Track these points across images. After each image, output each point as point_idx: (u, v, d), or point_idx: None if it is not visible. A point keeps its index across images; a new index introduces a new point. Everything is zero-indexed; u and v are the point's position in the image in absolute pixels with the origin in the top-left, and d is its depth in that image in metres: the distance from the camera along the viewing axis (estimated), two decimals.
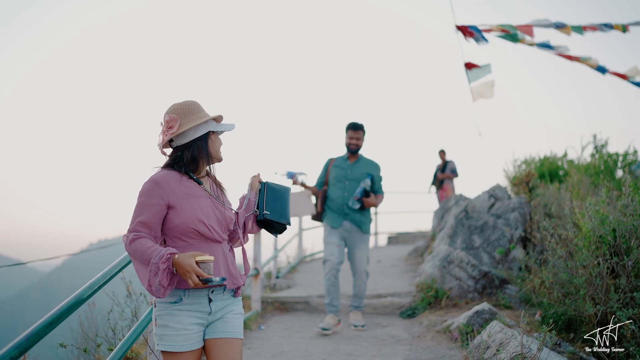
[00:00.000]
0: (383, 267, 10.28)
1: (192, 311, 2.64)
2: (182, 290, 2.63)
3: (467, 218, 8.60)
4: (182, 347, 2.60)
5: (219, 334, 2.70)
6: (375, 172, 6.42)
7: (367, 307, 7.35)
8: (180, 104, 2.77)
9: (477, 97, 10.24)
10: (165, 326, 2.61)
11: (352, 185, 6.32)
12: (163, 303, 2.64)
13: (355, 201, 6.19)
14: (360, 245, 6.36)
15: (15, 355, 2.11)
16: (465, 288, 6.79)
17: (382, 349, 5.55)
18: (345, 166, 6.45)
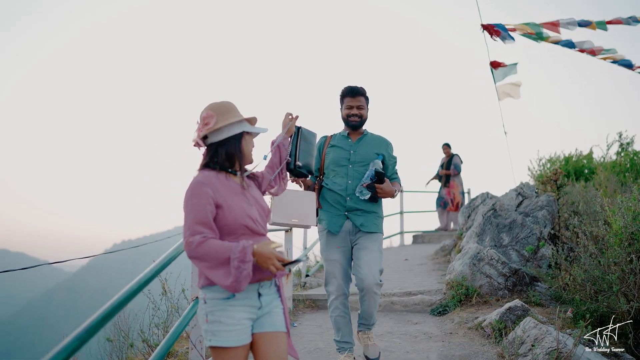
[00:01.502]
0: (411, 266, 10.33)
1: (243, 306, 2.72)
2: None
3: (495, 216, 8.63)
4: (235, 342, 2.66)
5: (267, 327, 2.78)
6: (386, 151, 4.80)
7: (398, 304, 7.42)
8: (218, 103, 2.85)
9: (503, 97, 10.27)
10: (218, 322, 2.67)
11: (358, 171, 4.67)
12: (215, 299, 2.69)
13: (365, 189, 4.53)
14: (369, 246, 4.60)
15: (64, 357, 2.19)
16: (495, 285, 6.83)
17: (415, 345, 5.62)
18: (347, 145, 4.77)
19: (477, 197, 11.14)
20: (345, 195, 4.64)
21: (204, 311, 2.72)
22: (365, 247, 4.58)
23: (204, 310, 2.72)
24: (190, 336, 4.42)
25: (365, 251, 4.55)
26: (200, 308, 2.76)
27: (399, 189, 4.72)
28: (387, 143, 4.86)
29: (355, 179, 4.63)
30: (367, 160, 4.67)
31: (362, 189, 4.54)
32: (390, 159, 4.81)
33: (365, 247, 4.58)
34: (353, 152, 4.73)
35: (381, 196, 4.55)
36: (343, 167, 4.70)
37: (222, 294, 2.69)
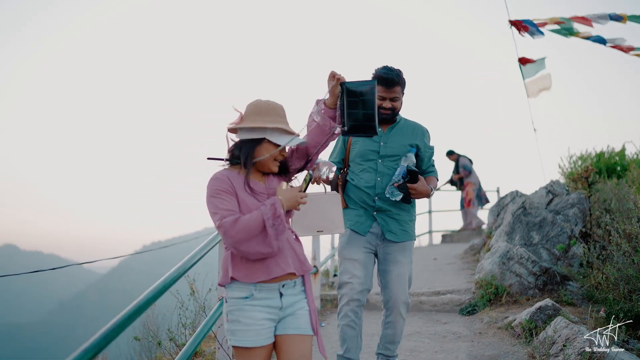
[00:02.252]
0: (440, 265, 10.25)
1: (263, 306, 2.67)
2: (253, 285, 2.67)
3: (525, 214, 8.50)
4: (253, 343, 2.63)
5: (290, 330, 2.71)
6: (422, 142, 4.08)
7: (426, 304, 7.36)
8: (259, 102, 2.78)
9: (532, 93, 10.14)
10: (237, 321, 2.65)
11: (389, 166, 3.95)
12: (234, 299, 2.68)
13: (396, 190, 3.84)
14: (399, 258, 3.94)
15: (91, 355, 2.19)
16: (525, 285, 6.73)
17: (444, 345, 5.56)
18: (378, 136, 3.80)
19: (507, 195, 11.02)
20: (374, 195, 3.94)
21: (225, 310, 2.72)
22: (394, 259, 3.93)
23: (225, 310, 2.72)
24: (217, 336, 4.42)
25: (394, 264, 3.92)
26: (223, 307, 2.75)
27: (435, 186, 4.11)
28: (423, 131, 4.12)
29: (385, 176, 3.92)
30: (399, 154, 3.96)
31: (392, 189, 3.85)
32: (426, 150, 4.10)
33: (394, 260, 3.93)
34: (383, 144, 3.98)
35: (415, 197, 3.87)
36: (371, 161, 3.98)
37: (241, 293, 2.67)
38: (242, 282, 2.67)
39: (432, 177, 4.14)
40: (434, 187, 4.03)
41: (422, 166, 4.11)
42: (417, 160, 4.02)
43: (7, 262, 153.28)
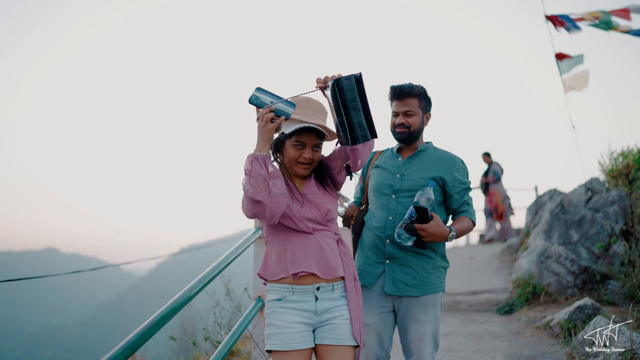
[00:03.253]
0: (477, 265, 10.15)
1: (296, 309, 2.60)
2: (286, 287, 2.62)
3: (563, 212, 8.36)
4: (286, 346, 2.54)
5: (327, 339, 2.62)
6: (449, 174, 3.24)
7: (463, 303, 7.29)
8: (308, 97, 2.68)
9: (570, 89, 9.97)
10: (271, 325, 2.60)
11: (404, 203, 3.22)
12: (270, 301, 2.64)
13: (404, 232, 3.03)
14: (419, 316, 3.14)
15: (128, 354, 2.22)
16: (564, 284, 6.62)
17: (480, 345, 5.50)
18: (393, 166, 3.36)
19: (544, 193, 10.86)
20: (384, 237, 3.22)
21: (265, 313, 2.68)
22: (413, 317, 3.14)
23: (265, 313, 2.68)
24: (252, 335, 4.44)
25: (414, 323, 3.14)
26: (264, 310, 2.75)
27: (465, 229, 3.19)
28: (453, 161, 3.28)
29: (398, 215, 3.20)
30: (417, 189, 3.19)
31: (401, 232, 3.04)
32: (456, 185, 3.24)
33: (413, 318, 3.14)
34: (399, 177, 3.29)
35: (428, 241, 3.00)
36: (385, 196, 3.29)
37: (275, 295, 2.63)
38: (277, 284, 2.64)
39: (464, 218, 3.23)
40: (460, 230, 3.14)
41: (453, 205, 3.26)
42: (445, 198, 3.26)
43: (48, 265, 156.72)
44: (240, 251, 3.91)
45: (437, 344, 3.16)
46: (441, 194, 3.23)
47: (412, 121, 3.24)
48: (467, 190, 3.29)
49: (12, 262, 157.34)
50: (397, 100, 3.27)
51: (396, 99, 3.27)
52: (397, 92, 3.25)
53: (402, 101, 3.25)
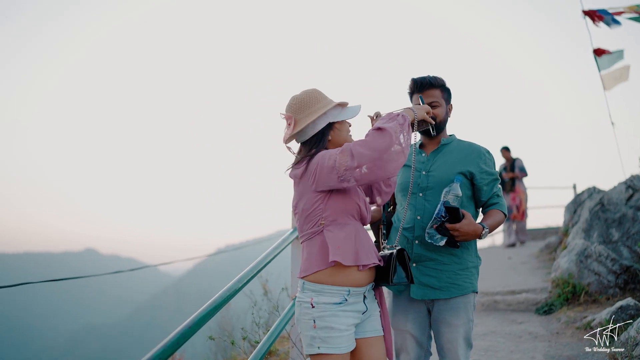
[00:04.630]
0: (514, 264, 10.05)
1: (353, 311, 2.58)
2: (346, 290, 2.56)
3: (603, 211, 8.22)
4: (345, 349, 2.53)
5: (369, 332, 2.65)
6: (476, 167, 3.10)
7: (501, 303, 7.22)
8: (295, 99, 2.66)
9: (609, 85, 9.80)
10: (330, 328, 2.50)
11: (432, 201, 3.08)
12: (325, 304, 2.53)
13: (435, 233, 2.92)
14: (450, 319, 3.02)
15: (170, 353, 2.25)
16: (605, 283, 6.51)
17: (519, 345, 5.45)
18: (419, 162, 3.21)
19: (583, 192, 10.68)
20: (412, 238, 3.08)
21: (311, 316, 2.53)
22: (444, 320, 3.02)
23: (311, 315, 2.53)
24: (290, 335, 4.46)
25: (445, 327, 3.02)
26: (304, 312, 2.56)
27: (498, 223, 3.07)
28: (479, 153, 3.14)
29: (427, 214, 3.05)
30: (446, 185, 3.05)
31: (432, 232, 2.92)
32: (483, 177, 3.11)
33: (444, 321, 3.02)
34: (425, 174, 3.14)
35: (461, 239, 2.90)
36: (412, 195, 3.13)
37: (334, 298, 2.53)
38: (335, 286, 2.55)
39: (495, 211, 3.11)
40: (492, 225, 3.03)
41: (482, 198, 3.13)
42: (473, 191, 3.13)
43: (87, 265, 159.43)
44: (278, 252, 3.95)
45: (471, 344, 3.06)
46: (469, 188, 3.11)
47: (438, 112, 3.11)
48: (495, 181, 3.15)
49: (53, 263, 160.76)
50: (419, 93, 3.13)
51: (418, 91, 3.13)
52: (419, 84, 3.12)
53: (425, 93, 3.12)
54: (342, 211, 2.59)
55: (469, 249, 3.10)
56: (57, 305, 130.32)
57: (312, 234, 2.60)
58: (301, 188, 2.61)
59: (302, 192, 2.61)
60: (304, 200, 2.60)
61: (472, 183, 3.10)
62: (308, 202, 2.58)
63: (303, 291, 2.59)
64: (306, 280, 2.58)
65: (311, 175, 2.53)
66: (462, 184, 3.03)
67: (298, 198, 2.64)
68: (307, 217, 2.60)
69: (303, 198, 2.60)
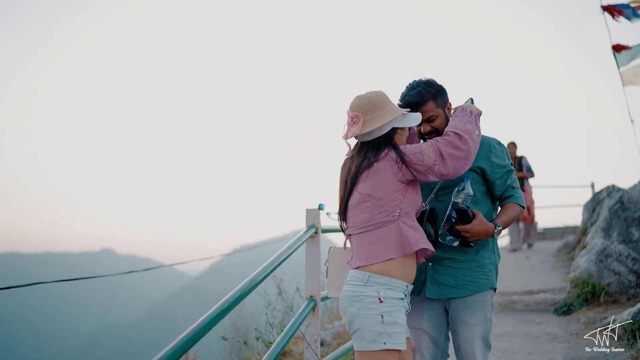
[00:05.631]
0: (532, 264, 9.92)
1: (406, 309, 2.68)
2: (405, 285, 2.63)
3: (623, 209, 8.08)
4: (404, 346, 2.58)
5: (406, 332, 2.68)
6: (487, 161, 3.00)
7: (519, 303, 7.11)
8: (365, 99, 2.69)
9: (629, 82, 9.64)
10: (396, 323, 2.55)
11: (445, 201, 3.01)
12: (393, 299, 2.57)
13: (448, 234, 2.89)
14: (467, 318, 2.95)
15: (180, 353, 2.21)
16: (625, 283, 6.38)
17: (538, 347, 5.35)
18: None
19: (602, 190, 10.52)
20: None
21: (378, 311, 2.54)
22: (460, 319, 2.95)
23: (379, 310, 2.54)
24: (305, 335, 4.39)
25: (461, 326, 2.95)
26: (369, 307, 2.55)
27: (515, 217, 3.01)
28: (488, 146, 3.03)
29: (441, 215, 2.97)
30: (457, 183, 2.93)
31: (445, 233, 2.88)
32: (495, 171, 3.00)
33: (460, 320, 2.95)
34: None
35: (473, 240, 2.85)
36: (425, 197, 3.04)
37: (398, 294, 2.60)
38: (399, 281, 2.61)
39: (510, 206, 3.02)
40: (507, 221, 2.96)
41: (496, 192, 3.03)
42: (487, 186, 3.04)
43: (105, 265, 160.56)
44: (292, 251, 3.89)
45: (489, 345, 2.97)
46: (483, 183, 3.01)
47: (438, 124, 2.95)
48: (509, 172, 3.04)
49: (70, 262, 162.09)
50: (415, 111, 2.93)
51: (412, 111, 2.92)
52: (410, 107, 2.93)
53: (419, 110, 2.93)
54: (413, 204, 2.69)
55: (485, 246, 3.01)
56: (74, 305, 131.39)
57: (384, 223, 2.62)
58: (377, 180, 2.62)
59: (377, 184, 2.62)
60: (380, 190, 2.61)
61: (485, 178, 3.01)
62: (386, 192, 2.61)
63: (367, 284, 2.59)
64: (373, 273, 2.59)
65: (397, 166, 2.60)
66: (473, 180, 2.95)
67: (371, 190, 2.63)
68: (382, 207, 2.62)
69: (379, 189, 2.61)
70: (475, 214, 2.82)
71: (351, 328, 2.60)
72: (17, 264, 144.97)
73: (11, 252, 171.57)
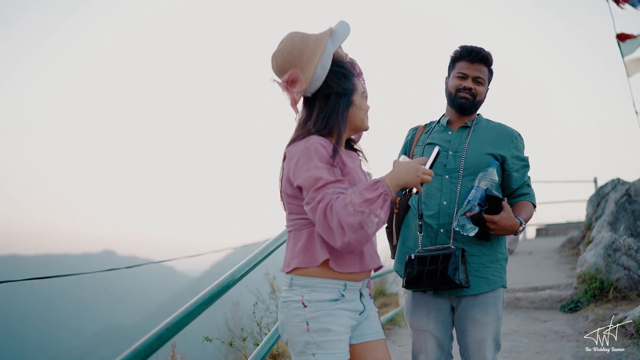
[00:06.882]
0: (536, 260, 9.68)
1: (350, 310, 2.15)
2: (342, 284, 2.13)
3: (630, 202, 7.81)
4: (344, 356, 2.10)
5: (370, 336, 2.22)
6: (509, 151, 2.76)
7: (523, 300, 6.85)
8: (286, 50, 2.17)
9: (633, 72, 9.37)
10: (327, 330, 2.07)
11: (463, 183, 2.70)
12: (319, 302, 2.09)
13: (468, 221, 2.57)
14: (479, 317, 2.67)
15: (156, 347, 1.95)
16: (635, 279, 6.11)
17: (545, 345, 5.08)
18: (444, 141, 2.83)
19: (607, 183, 10.27)
20: (437, 227, 2.70)
21: (303, 317, 2.08)
22: (472, 318, 2.67)
23: (303, 317, 2.08)
24: None
25: (472, 324, 2.68)
26: (293, 314, 2.11)
27: (529, 216, 2.76)
28: (512, 136, 2.80)
29: (453, 199, 2.68)
30: (476, 167, 2.68)
31: (464, 221, 2.57)
32: (515, 163, 2.77)
33: (472, 319, 2.67)
34: (453, 153, 2.76)
35: (495, 234, 2.59)
36: (436, 177, 2.73)
37: (330, 294, 2.10)
38: (329, 280, 2.11)
39: (526, 203, 2.79)
40: (526, 220, 2.70)
41: (512, 185, 2.80)
42: (503, 177, 2.79)
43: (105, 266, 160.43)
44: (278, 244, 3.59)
45: (499, 345, 2.71)
46: (499, 174, 2.74)
47: (480, 90, 2.77)
48: (526, 168, 2.83)
49: (71, 264, 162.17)
50: (468, 62, 2.77)
51: (468, 60, 2.76)
52: (472, 53, 2.75)
53: (475, 65, 2.76)
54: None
55: (499, 239, 2.75)
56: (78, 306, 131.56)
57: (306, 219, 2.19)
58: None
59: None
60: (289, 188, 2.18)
61: (502, 168, 2.76)
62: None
63: (291, 288, 2.14)
64: (295, 275, 2.15)
65: None
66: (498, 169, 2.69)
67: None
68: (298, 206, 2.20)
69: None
70: (504, 206, 2.54)
71: (283, 338, 2.20)
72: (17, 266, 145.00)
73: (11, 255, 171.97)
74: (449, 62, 2.87)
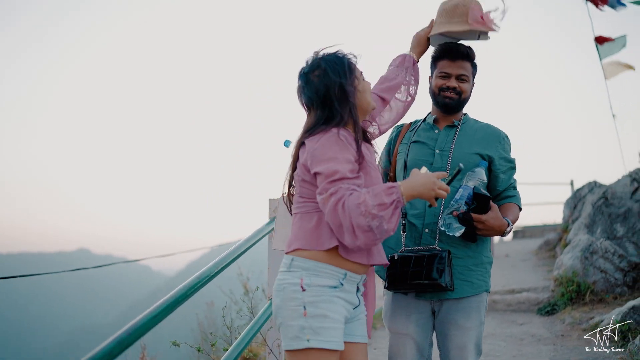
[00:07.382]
0: (513, 262, 9.67)
1: (346, 301, 2.13)
2: (342, 272, 2.11)
3: (607, 205, 7.80)
4: (339, 345, 2.06)
5: (358, 337, 2.22)
6: (496, 151, 2.71)
7: (500, 303, 6.80)
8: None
9: (611, 75, 9.39)
10: (324, 317, 2.03)
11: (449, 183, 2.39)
12: (319, 287, 2.06)
13: (455, 220, 2.49)
14: (462, 322, 2.58)
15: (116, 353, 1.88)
16: (612, 282, 6.08)
17: (522, 349, 5.02)
18: (431, 139, 2.77)
19: (584, 186, 10.29)
20: (422, 227, 2.63)
21: (301, 301, 2.05)
22: (454, 322, 2.58)
23: (301, 300, 2.05)
24: (266, 340, 4.00)
25: (454, 330, 2.58)
26: (290, 297, 2.07)
27: (516, 218, 2.68)
28: (499, 136, 2.76)
29: (439, 199, 2.50)
30: (465, 166, 2.58)
31: (450, 220, 2.50)
32: (502, 164, 2.72)
33: (454, 323, 2.58)
34: (439, 152, 2.71)
35: (483, 234, 2.53)
36: None
37: (330, 281, 2.08)
38: (331, 267, 2.09)
39: (512, 205, 2.72)
40: (513, 221, 2.61)
41: (498, 187, 2.74)
42: (489, 179, 2.71)
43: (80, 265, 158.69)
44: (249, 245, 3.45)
45: (480, 351, 2.62)
46: (487, 174, 2.65)
47: (465, 88, 2.71)
48: (513, 170, 2.76)
49: (46, 262, 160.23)
50: (449, 61, 2.71)
51: (449, 59, 2.71)
52: (452, 52, 2.70)
53: (457, 62, 2.70)
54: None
55: (484, 241, 2.68)
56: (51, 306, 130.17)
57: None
58: None
59: None
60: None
61: (489, 169, 2.69)
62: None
63: (290, 270, 2.12)
64: (297, 256, 2.13)
65: None
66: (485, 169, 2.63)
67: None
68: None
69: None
70: (492, 206, 2.47)
71: (276, 323, 2.15)
72: None
73: None
74: (430, 61, 2.83)
